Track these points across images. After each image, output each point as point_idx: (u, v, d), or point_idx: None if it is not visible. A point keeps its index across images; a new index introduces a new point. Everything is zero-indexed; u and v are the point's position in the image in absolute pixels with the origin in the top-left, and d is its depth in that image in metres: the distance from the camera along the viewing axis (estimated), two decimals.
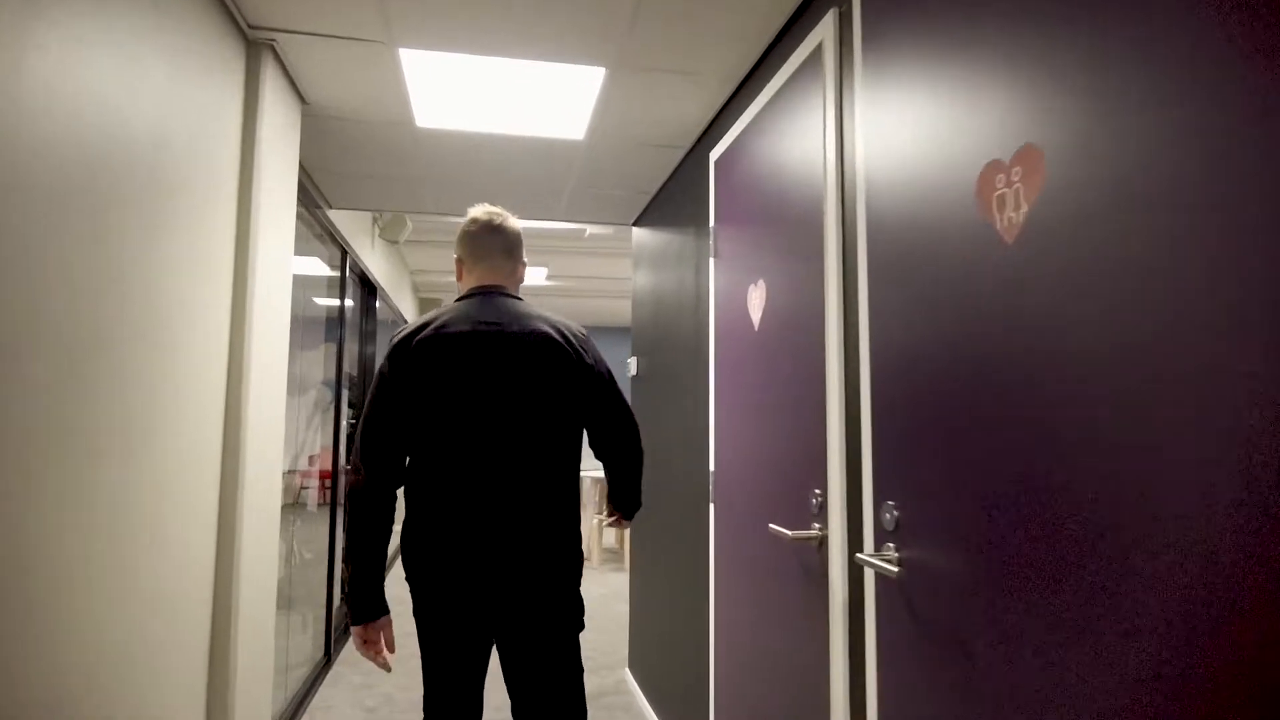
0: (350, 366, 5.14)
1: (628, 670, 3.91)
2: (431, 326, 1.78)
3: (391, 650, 1.77)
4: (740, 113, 2.34)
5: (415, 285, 7.80)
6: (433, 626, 1.76)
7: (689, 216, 2.88)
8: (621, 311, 9.45)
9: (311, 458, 4.10)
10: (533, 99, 2.49)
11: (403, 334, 1.80)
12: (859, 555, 1.38)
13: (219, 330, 1.94)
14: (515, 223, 1.97)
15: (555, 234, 5.89)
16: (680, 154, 2.94)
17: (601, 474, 7.00)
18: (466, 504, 1.71)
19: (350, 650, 4.28)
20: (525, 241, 5.90)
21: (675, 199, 3.11)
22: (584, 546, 7.12)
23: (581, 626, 1.84)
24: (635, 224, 3.94)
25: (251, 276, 2.04)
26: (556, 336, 1.83)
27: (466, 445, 1.73)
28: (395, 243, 5.56)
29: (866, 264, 1.51)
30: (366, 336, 5.38)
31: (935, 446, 1.25)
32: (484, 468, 1.72)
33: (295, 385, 3.57)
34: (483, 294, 1.89)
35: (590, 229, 5.49)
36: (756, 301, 2.10)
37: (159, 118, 1.56)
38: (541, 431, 1.77)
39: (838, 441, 1.62)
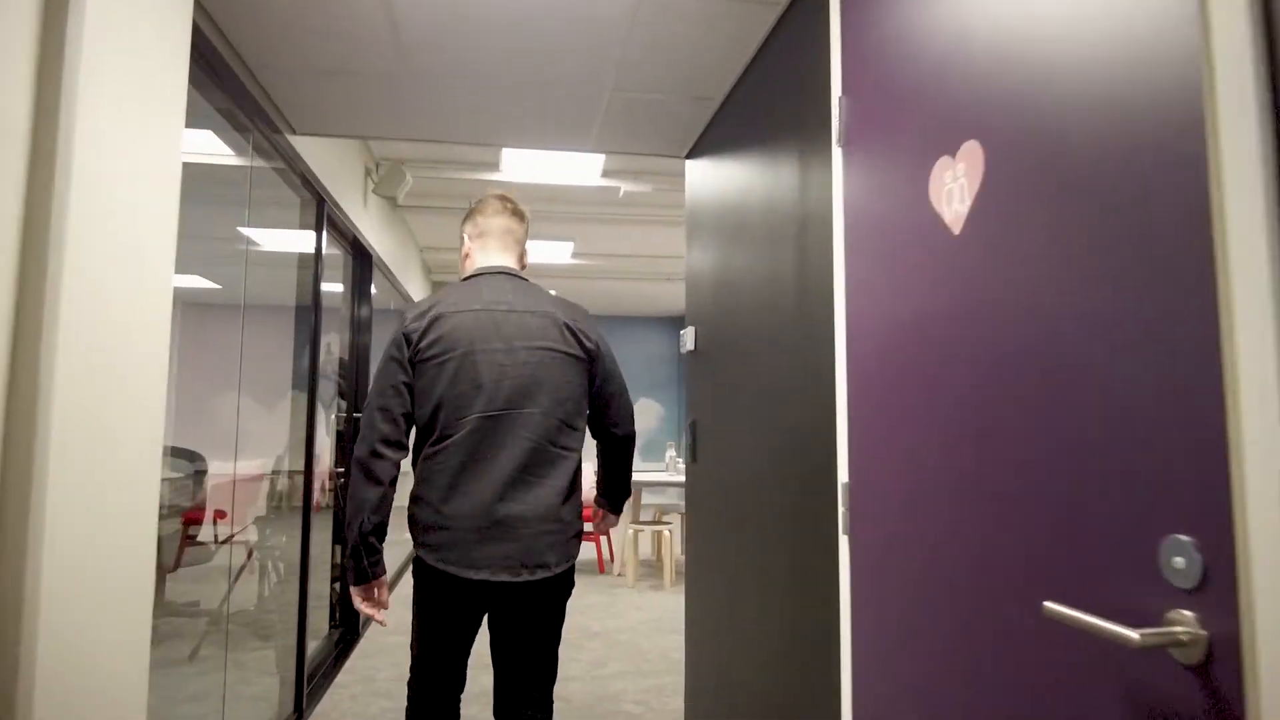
0: (341, 351, 4.27)
1: None
2: (442, 304, 1.86)
3: (385, 606, 1.83)
4: None
5: (426, 264, 6.93)
6: (434, 602, 1.81)
7: (784, 103, 1.97)
8: (660, 297, 8.55)
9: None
10: None
11: (413, 311, 1.86)
12: None
13: None
14: (524, 207, 2.10)
15: (583, 196, 5.01)
16: (772, 14, 2.01)
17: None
18: (472, 480, 1.77)
19: (327, 708, 3.41)
20: (548, 206, 5.06)
21: (760, 90, 2.19)
22: (619, 560, 6.28)
23: (573, 584, 1.93)
24: (689, 156, 3.03)
25: (62, 188, 1.16)
26: (563, 317, 1.93)
27: (474, 423, 1.79)
28: (394, 200, 4.69)
29: None
30: (359, 321, 4.44)
31: None
32: (491, 445, 1.78)
33: (255, 377, 2.72)
34: (491, 274, 1.96)
35: (626, 187, 4.58)
36: (955, 186, 1.19)
37: None
38: (548, 411, 1.84)
39: (1270, 424, 0.70)
